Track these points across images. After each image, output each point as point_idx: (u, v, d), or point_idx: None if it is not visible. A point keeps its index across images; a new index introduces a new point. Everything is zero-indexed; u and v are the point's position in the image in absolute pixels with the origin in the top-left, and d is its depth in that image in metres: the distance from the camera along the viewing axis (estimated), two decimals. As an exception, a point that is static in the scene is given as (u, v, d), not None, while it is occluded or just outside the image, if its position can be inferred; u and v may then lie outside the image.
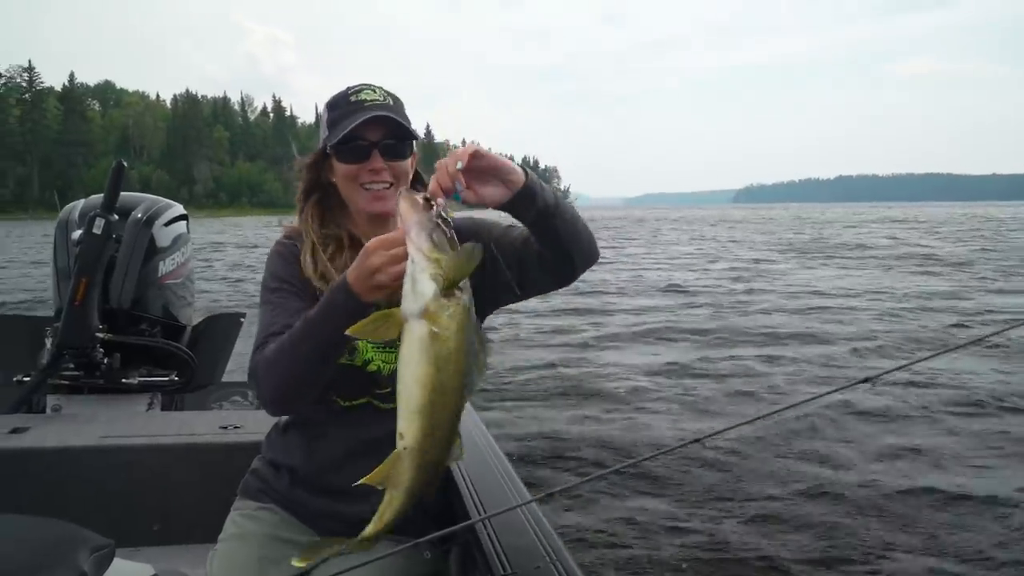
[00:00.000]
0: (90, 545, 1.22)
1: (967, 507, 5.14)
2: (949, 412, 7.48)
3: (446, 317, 1.24)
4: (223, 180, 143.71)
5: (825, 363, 9.92)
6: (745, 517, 5.12)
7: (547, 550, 1.67)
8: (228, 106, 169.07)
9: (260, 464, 1.88)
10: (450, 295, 1.24)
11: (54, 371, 2.98)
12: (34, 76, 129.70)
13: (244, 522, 1.78)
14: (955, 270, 22.03)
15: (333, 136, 1.63)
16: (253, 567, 1.67)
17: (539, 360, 10.24)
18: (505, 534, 1.73)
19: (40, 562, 1.15)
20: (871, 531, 4.91)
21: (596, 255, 1.66)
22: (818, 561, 4.45)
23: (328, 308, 1.43)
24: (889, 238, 38.12)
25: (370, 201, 1.67)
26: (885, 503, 5.35)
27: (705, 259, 28.00)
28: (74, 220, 3.13)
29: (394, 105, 1.69)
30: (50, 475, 2.35)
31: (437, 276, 1.23)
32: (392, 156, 1.66)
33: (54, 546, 1.21)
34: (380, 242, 1.33)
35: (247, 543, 1.73)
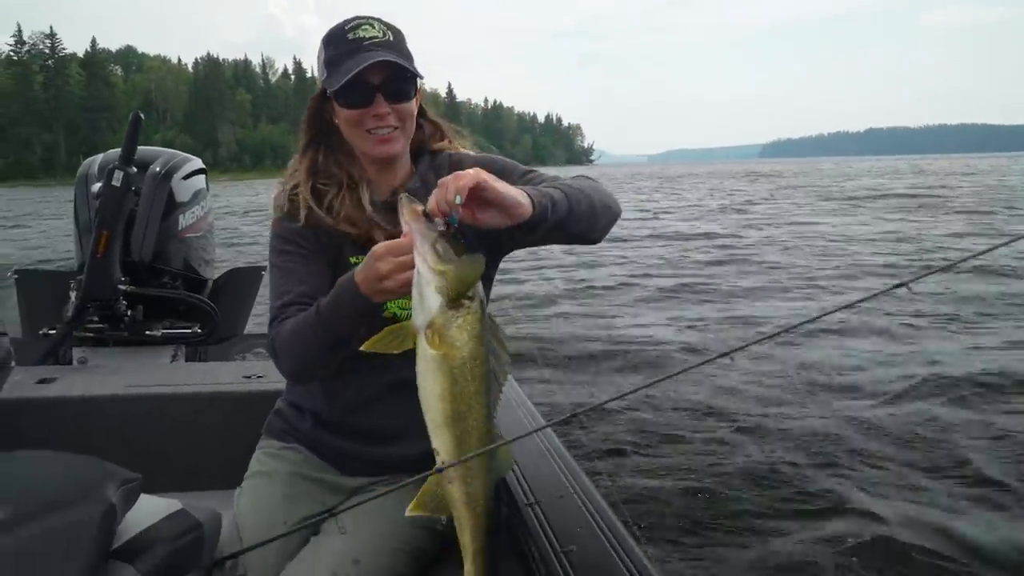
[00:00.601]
0: (118, 479, 1.23)
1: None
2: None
3: (455, 329, 1.23)
4: (246, 143, 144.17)
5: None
6: (762, 435, 5.23)
7: (568, 479, 1.69)
8: (249, 69, 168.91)
9: (283, 405, 1.89)
10: (458, 306, 1.23)
11: (79, 324, 3.01)
12: (56, 43, 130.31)
13: (269, 460, 1.80)
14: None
15: (334, 80, 1.57)
16: (279, 503, 1.70)
17: (543, 298, 10.61)
18: (525, 462, 1.77)
19: (69, 494, 1.16)
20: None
21: (617, 218, 1.65)
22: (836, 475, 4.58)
23: (337, 306, 1.43)
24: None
25: (375, 145, 1.63)
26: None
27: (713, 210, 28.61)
28: (93, 174, 3.14)
29: (394, 41, 1.61)
30: (76, 424, 2.38)
31: (442, 289, 1.22)
32: (396, 99, 1.60)
33: (82, 479, 1.22)
34: (388, 248, 1.30)
35: (273, 480, 1.75)
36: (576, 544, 1.41)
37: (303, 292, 1.61)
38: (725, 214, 25.96)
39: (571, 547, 1.40)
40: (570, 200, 1.46)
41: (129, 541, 1.23)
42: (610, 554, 1.38)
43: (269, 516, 1.66)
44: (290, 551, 1.60)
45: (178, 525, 1.34)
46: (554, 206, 1.41)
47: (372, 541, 1.60)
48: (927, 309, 8.78)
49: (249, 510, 1.70)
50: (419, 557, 1.66)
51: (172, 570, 1.29)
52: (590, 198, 1.53)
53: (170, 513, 1.35)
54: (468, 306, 1.24)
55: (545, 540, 1.44)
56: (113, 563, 1.17)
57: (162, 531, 1.30)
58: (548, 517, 1.52)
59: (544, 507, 1.56)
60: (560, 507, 1.56)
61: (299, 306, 1.58)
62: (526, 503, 1.59)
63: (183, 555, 1.33)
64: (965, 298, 9.51)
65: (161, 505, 1.36)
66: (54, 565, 1.02)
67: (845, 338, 7.79)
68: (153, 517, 1.31)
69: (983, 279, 10.59)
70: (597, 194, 1.57)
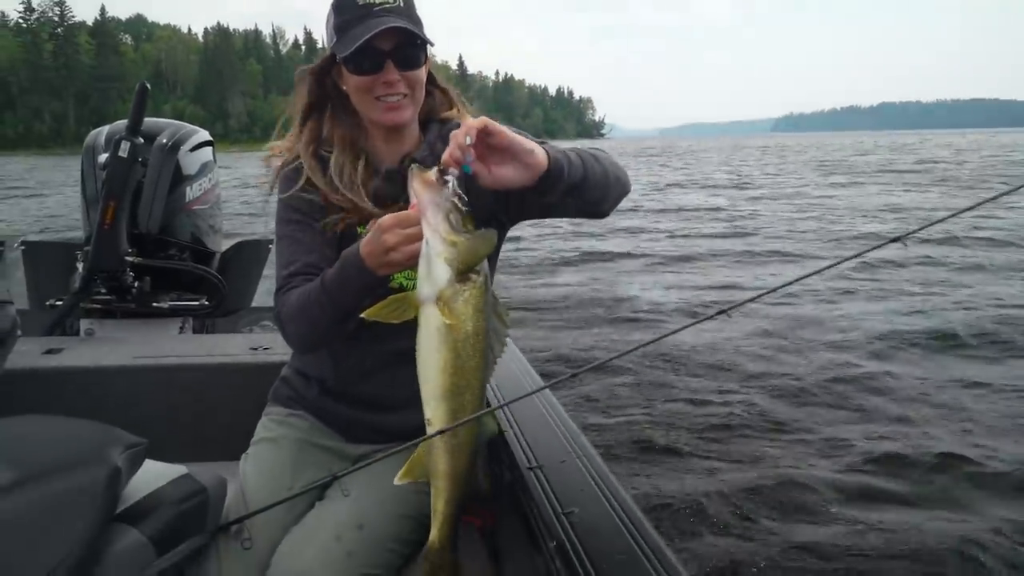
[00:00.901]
0: (123, 443, 1.24)
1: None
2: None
3: (461, 302, 1.22)
4: (257, 114, 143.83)
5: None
6: (756, 390, 5.45)
7: (568, 442, 1.71)
8: (260, 39, 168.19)
9: (289, 372, 1.90)
10: (465, 279, 1.22)
11: (86, 294, 3.01)
12: (65, 10, 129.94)
13: (275, 426, 1.81)
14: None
15: (343, 45, 1.54)
16: (285, 468, 1.70)
17: (539, 263, 10.92)
18: (527, 427, 1.79)
19: (74, 457, 1.17)
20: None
21: (627, 191, 1.63)
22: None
23: (342, 279, 1.41)
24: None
25: (384, 112, 1.60)
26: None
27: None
28: (100, 145, 3.12)
29: (404, 7, 1.58)
30: (84, 394, 2.39)
31: (452, 261, 1.20)
32: (406, 66, 1.57)
33: (88, 443, 1.23)
34: (395, 219, 1.28)
35: (279, 446, 1.76)
36: (578, 506, 1.42)
37: (310, 262, 1.60)
38: (727, 188, 26.85)
39: (572, 509, 1.41)
40: (585, 164, 1.45)
41: (134, 504, 1.25)
42: (611, 515, 1.40)
43: (274, 481, 1.66)
44: (295, 516, 1.60)
45: (183, 489, 1.35)
46: (570, 165, 1.40)
47: (375, 506, 1.61)
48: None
49: (255, 475, 1.70)
50: (422, 522, 1.66)
51: (176, 533, 1.30)
52: (604, 167, 1.52)
53: (175, 478, 1.36)
54: (475, 280, 1.23)
55: (547, 503, 1.45)
56: (118, 526, 1.18)
57: (167, 495, 1.32)
58: (550, 480, 1.53)
59: (546, 471, 1.58)
60: (561, 470, 1.58)
61: (305, 276, 1.58)
62: (528, 467, 1.60)
63: (188, 519, 1.34)
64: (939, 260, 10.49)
65: (166, 470, 1.37)
66: (59, 527, 1.04)
67: (834, 297, 8.40)
68: (158, 482, 1.33)
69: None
70: (610, 164, 1.55)
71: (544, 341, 6.86)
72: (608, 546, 1.31)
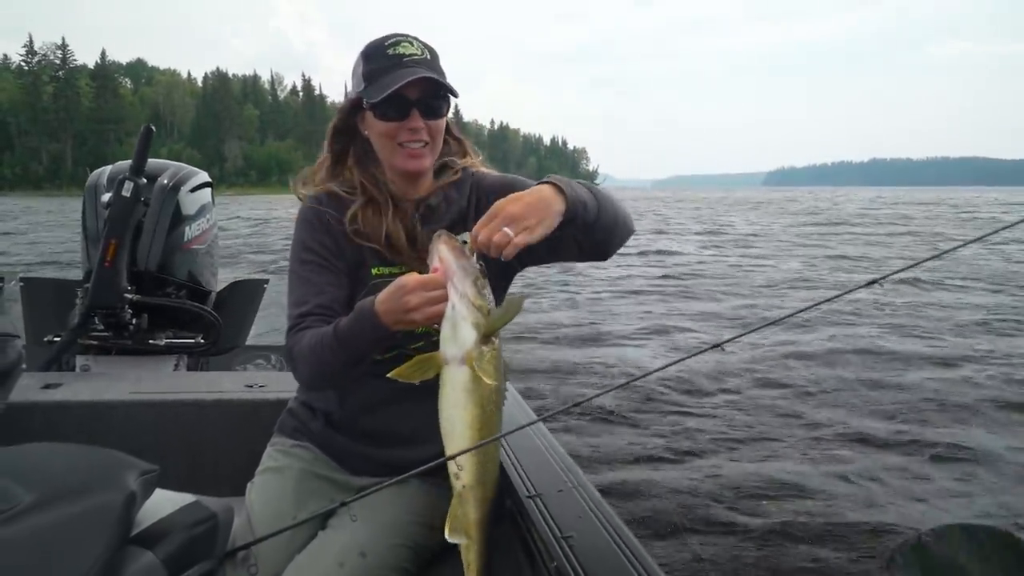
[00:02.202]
0: (137, 469, 1.29)
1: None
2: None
3: (486, 362, 1.31)
4: (253, 158, 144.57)
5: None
6: (744, 424, 5.67)
7: (565, 472, 1.80)
8: (258, 84, 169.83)
9: (295, 404, 1.94)
10: (487, 340, 1.31)
11: (84, 330, 3.04)
12: (67, 54, 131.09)
13: (281, 457, 1.85)
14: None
15: (373, 92, 1.61)
16: (289, 497, 1.74)
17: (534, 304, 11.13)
18: (524, 457, 1.87)
19: (91, 482, 1.21)
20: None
21: (631, 234, 1.70)
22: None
23: (356, 332, 1.48)
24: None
25: (407, 159, 1.67)
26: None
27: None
28: (102, 184, 3.19)
29: (431, 60, 1.66)
30: (81, 429, 2.41)
31: (479, 325, 1.29)
32: (430, 115, 1.65)
33: (103, 468, 1.27)
34: (420, 283, 1.35)
35: (284, 476, 1.80)
36: (576, 531, 1.49)
37: (321, 303, 1.66)
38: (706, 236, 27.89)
39: (571, 534, 1.48)
40: (600, 203, 1.51)
41: (147, 528, 1.29)
42: (607, 539, 1.47)
43: (279, 509, 1.71)
44: (299, 544, 1.65)
45: (193, 515, 1.39)
46: (585, 208, 1.46)
47: (377, 535, 1.65)
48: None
49: (261, 502, 1.74)
50: (421, 553, 1.72)
51: (188, 557, 1.34)
52: (615, 207, 1.59)
53: (186, 504, 1.40)
54: (495, 341, 1.32)
55: (547, 528, 1.52)
56: (133, 548, 1.22)
57: (178, 520, 1.35)
58: (549, 508, 1.60)
59: (545, 499, 1.65)
60: (560, 499, 1.65)
61: (317, 316, 1.64)
62: (527, 495, 1.67)
63: (198, 543, 1.38)
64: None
65: (177, 497, 1.41)
66: (79, 547, 1.08)
67: (815, 333, 8.86)
68: (170, 507, 1.37)
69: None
70: (620, 207, 1.63)
71: (532, 376, 7.09)
72: (605, 568, 1.37)
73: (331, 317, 1.60)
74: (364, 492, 1.52)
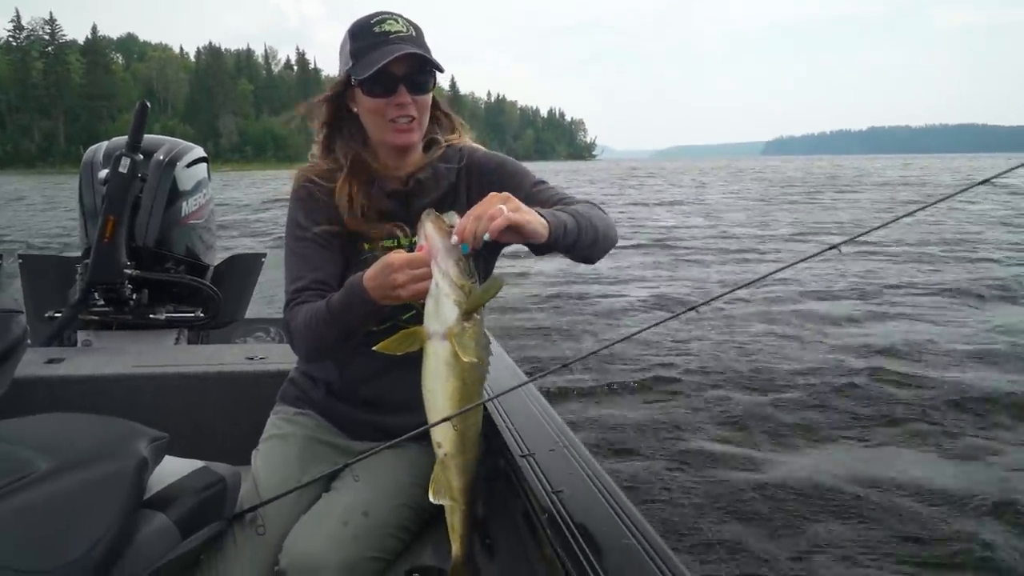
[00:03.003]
0: (148, 436, 1.34)
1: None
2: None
3: (467, 338, 1.35)
4: (248, 134, 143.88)
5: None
6: (721, 384, 5.82)
7: (555, 433, 1.85)
8: (252, 59, 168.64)
9: (297, 374, 2.00)
10: (469, 317, 1.35)
11: (85, 306, 3.06)
12: (56, 29, 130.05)
13: (284, 424, 1.91)
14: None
15: (360, 69, 1.66)
16: (294, 464, 1.80)
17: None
18: (516, 417, 1.93)
19: (104, 449, 1.27)
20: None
21: (614, 245, 1.76)
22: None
23: (347, 307, 1.53)
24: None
25: (395, 134, 1.72)
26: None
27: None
28: (99, 161, 3.20)
29: (417, 36, 1.71)
30: (84, 402, 2.44)
31: (460, 302, 1.34)
32: (417, 90, 1.70)
33: (116, 435, 1.33)
34: (405, 261, 1.39)
35: (288, 442, 1.86)
36: (567, 487, 1.55)
37: (317, 278, 1.71)
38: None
39: (562, 488, 1.54)
40: (580, 228, 1.57)
41: (159, 492, 1.36)
42: (595, 493, 1.53)
43: (285, 473, 1.76)
44: (304, 505, 1.70)
45: (203, 479, 1.45)
46: (565, 233, 1.52)
47: (379, 496, 1.72)
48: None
49: (266, 468, 1.79)
50: (421, 513, 1.78)
51: (198, 519, 1.40)
52: (596, 228, 1.64)
53: (195, 469, 1.46)
54: (476, 318, 1.36)
55: (539, 484, 1.58)
56: (146, 511, 1.28)
57: (188, 484, 1.42)
58: (541, 466, 1.66)
59: (537, 458, 1.70)
60: (551, 458, 1.70)
61: (313, 291, 1.69)
62: (520, 455, 1.72)
63: (208, 506, 1.45)
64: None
65: (186, 463, 1.47)
66: (96, 510, 1.14)
67: (790, 297, 9.02)
68: (180, 472, 1.43)
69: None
70: (602, 223, 1.67)
71: (522, 338, 7.29)
72: (595, 520, 1.42)
73: (326, 291, 1.66)
74: (366, 454, 1.58)
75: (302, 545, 1.60)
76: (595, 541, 1.35)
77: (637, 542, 1.33)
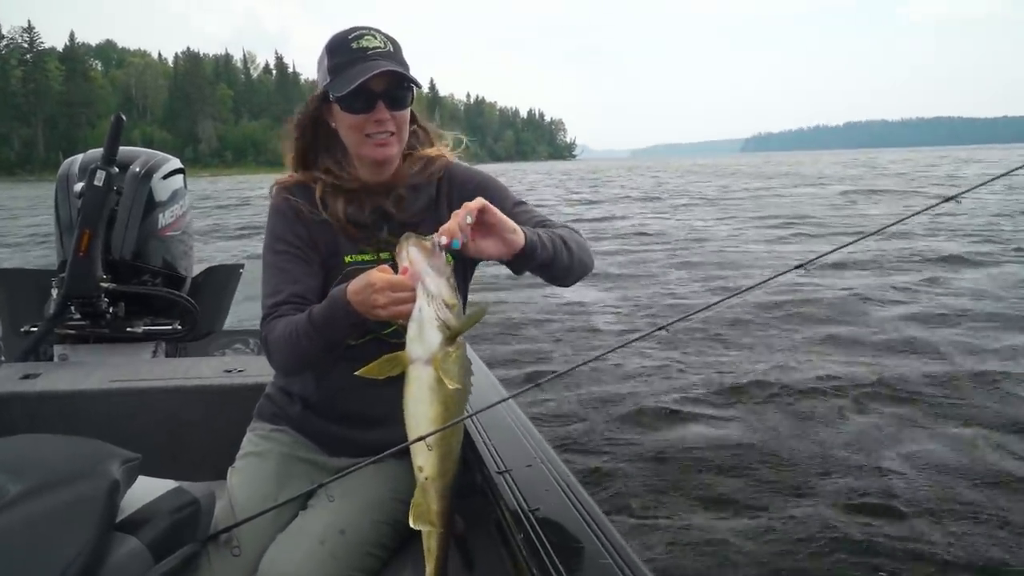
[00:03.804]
0: (119, 457, 1.32)
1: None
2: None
3: (451, 363, 1.35)
4: (228, 139, 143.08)
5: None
6: (706, 398, 5.69)
7: (534, 448, 1.84)
8: (231, 64, 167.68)
9: (273, 390, 1.98)
10: (452, 344, 1.35)
11: (60, 320, 3.03)
12: (35, 37, 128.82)
13: (260, 441, 1.89)
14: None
15: (339, 86, 1.66)
16: (270, 480, 1.79)
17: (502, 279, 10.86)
18: (494, 433, 1.92)
19: (76, 471, 1.25)
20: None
21: (589, 271, 1.79)
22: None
23: (330, 319, 1.53)
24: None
25: (374, 148, 1.71)
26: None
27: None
28: (74, 173, 3.17)
29: (395, 52, 1.72)
30: (62, 418, 2.42)
31: (444, 328, 1.34)
32: (395, 106, 1.70)
33: (87, 457, 1.31)
34: (387, 284, 1.38)
35: (264, 460, 1.84)
36: (543, 504, 1.54)
37: (295, 292, 1.71)
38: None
39: (538, 507, 1.52)
40: (555, 249, 1.59)
41: (132, 515, 1.33)
42: (572, 512, 1.51)
43: (261, 491, 1.75)
44: (280, 525, 1.69)
45: (176, 500, 1.43)
46: (542, 247, 1.54)
47: (356, 513, 1.70)
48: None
49: (241, 486, 1.78)
50: (400, 530, 1.76)
51: (172, 542, 1.38)
52: (571, 252, 1.66)
53: (168, 490, 1.44)
54: (460, 343, 1.36)
55: (515, 502, 1.56)
56: (118, 534, 1.26)
57: (162, 506, 1.40)
58: (517, 483, 1.65)
59: (514, 474, 1.69)
60: (528, 474, 1.69)
61: (291, 305, 1.68)
62: (497, 471, 1.71)
63: (182, 528, 1.43)
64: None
65: (159, 484, 1.46)
66: (66, 535, 1.12)
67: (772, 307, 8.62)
68: (152, 494, 1.41)
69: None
70: (578, 248, 1.70)
71: (502, 352, 7.14)
72: (570, 539, 1.42)
73: (304, 305, 1.65)
74: (342, 472, 1.57)
75: (279, 565, 1.59)
76: (571, 561, 1.34)
77: (614, 562, 1.33)
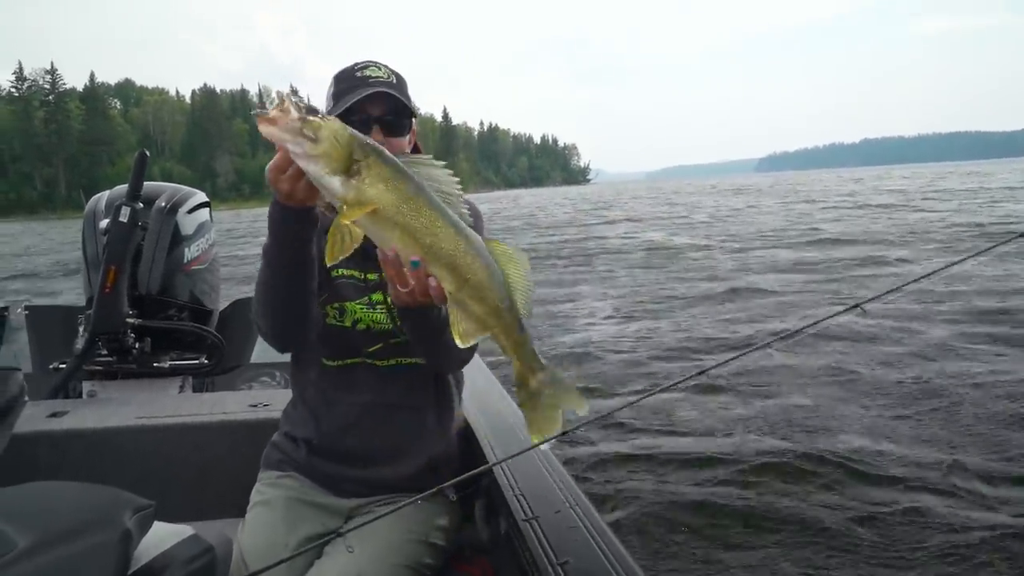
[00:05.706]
0: (132, 506, 1.29)
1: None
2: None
3: (365, 188, 1.22)
4: (245, 172, 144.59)
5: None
6: (749, 445, 5.33)
7: (564, 493, 1.76)
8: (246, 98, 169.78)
9: (279, 438, 1.98)
10: (354, 172, 1.22)
11: (88, 357, 3.06)
12: (56, 78, 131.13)
13: (268, 490, 1.88)
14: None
15: (336, 109, 1.70)
16: (280, 527, 1.76)
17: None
18: (523, 479, 1.83)
19: (86, 521, 1.22)
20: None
21: (456, 364, 1.83)
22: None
23: (273, 235, 1.54)
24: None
25: None
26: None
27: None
28: (100, 210, 3.21)
29: (396, 83, 1.75)
30: (89, 456, 2.42)
31: (328, 168, 1.22)
32: (391, 132, 1.73)
33: (98, 507, 1.27)
34: (274, 167, 1.37)
35: (272, 508, 1.82)
36: (572, 555, 1.45)
37: None
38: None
39: (567, 559, 1.44)
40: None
41: (145, 565, 1.29)
42: (603, 564, 1.43)
43: (272, 539, 1.72)
44: (296, 573, 1.65)
45: (191, 549, 1.39)
46: (440, 312, 1.52)
47: (374, 559, 1.66)
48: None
49: (252, 537, 1.76)
50: (420, 571, 1.73)
51: None
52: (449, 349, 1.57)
53: (183, 539, 1.40)
54: (362, 161, 1.22)
55: (542, 552, 1.48)
56: None
57: (176, 555, 1.36)
58: (545, 531, 1.57)
59: (542, 522, 1.61)
60: (557, 522, 1.61)
61: None
62: (524, 518, 1.64)
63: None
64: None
65: (174, 531, 1.42)
66: None
67: (806, 351, 7.78)
68: (167, 542, 1.37)
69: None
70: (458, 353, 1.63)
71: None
72: None
73: None
74: (357, 523, 1.53)
75: None
76: None
77: None
